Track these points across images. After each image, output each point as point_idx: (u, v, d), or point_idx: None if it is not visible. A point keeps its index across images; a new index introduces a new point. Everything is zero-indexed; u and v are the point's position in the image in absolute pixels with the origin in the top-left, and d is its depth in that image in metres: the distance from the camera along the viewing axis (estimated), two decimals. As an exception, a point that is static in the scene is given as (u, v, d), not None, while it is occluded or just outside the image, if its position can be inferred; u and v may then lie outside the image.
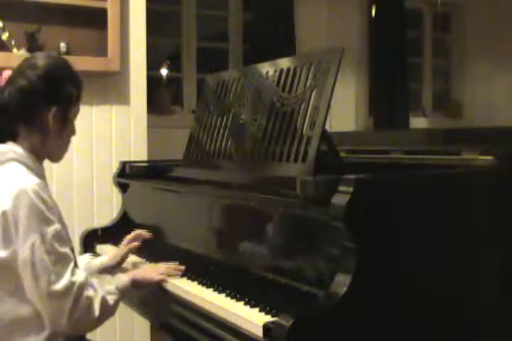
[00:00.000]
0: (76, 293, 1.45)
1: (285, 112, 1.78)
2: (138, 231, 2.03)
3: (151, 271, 1.80)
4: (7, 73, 1.62)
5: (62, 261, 1.46)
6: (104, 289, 1.55)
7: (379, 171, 1.67)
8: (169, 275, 1.75)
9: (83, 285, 1.48)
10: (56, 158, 1.69)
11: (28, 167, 1.56)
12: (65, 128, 1.63)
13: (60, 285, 1.44)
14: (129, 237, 2.00)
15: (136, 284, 1.68)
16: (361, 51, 4.72)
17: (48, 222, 1.47)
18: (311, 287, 1.44)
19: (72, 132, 1.69)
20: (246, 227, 1.72)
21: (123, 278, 1.66)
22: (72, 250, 1.57)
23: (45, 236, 1.44)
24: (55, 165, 1.71)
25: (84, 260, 1.92)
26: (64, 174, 2.78)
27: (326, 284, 1.32)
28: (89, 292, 1.49)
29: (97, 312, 1.49)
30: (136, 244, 1.99)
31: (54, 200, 1.57)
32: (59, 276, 1.44)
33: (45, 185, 1.59)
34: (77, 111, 1.68)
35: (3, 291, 1.49)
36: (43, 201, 1.47)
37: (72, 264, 1.49)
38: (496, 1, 5.11)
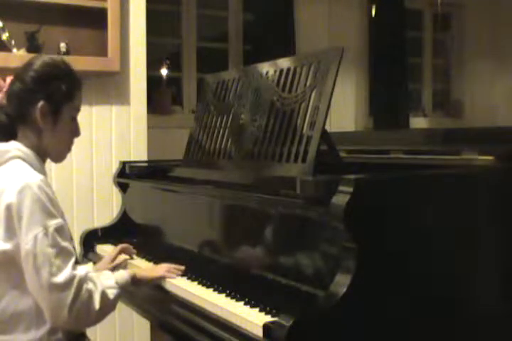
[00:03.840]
0: (76, 286, 1.46)
1: (285, 112, 1.78)
2: (124, 246, 2.04)
3: (152, 269, 1.82)
4: (10, 78, 1.66)
5: (63, 255, 1.47)
6: (104, 283, 1.56)
7: (379, 171, 1.67)
8: (169, 275, 1.76)
9: (84, 279, 1.49)
10: (56, 157, 1.70)
11: (31, 165, 1.58)
12: (59, 125, 1.63)
13: (61, 277, 1.45)
14: (115, 252, 2.02)
15: (136, 280, 1.69)
16: (361, 51, 4.72)
17: (51, 216, 1.48)
18: (311, 287, 1.44)
19: (75, 133, 1.70)
20: (246, 227, 1.72)
21: (123, 274, 1.67)
22: (74, 248, 1.58)
23: (48, 229, 1.46)
24: (54, 165, 1.72)
25: None
26: (64, 174, 2.78)
27: (326, 284, 1.32)
28: (90, 285, 1.50)
29: (97, 306, 1.50)
30: (123, 258, 2.00)
31: (57, 199, 1.58)
32: (60, 269, 1.45)
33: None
34: (74, 110, 1.68)
35: (5, 284, 1.51)
36: (47, 195, 1.49)
37: (73, 258, 1.50)
38: (496, 1, 5.11)
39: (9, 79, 1.66)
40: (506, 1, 5.05)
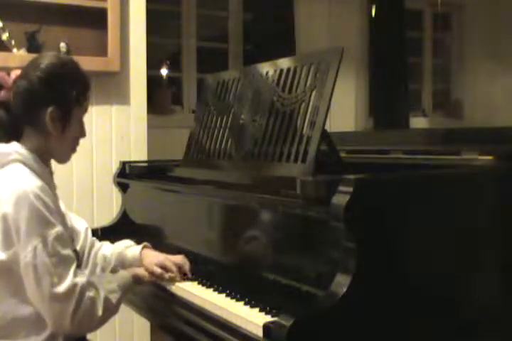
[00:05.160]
0: (78, 294, 1.45)
1: (285, 112, 1.78)
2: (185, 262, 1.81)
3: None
4: (14, 73, 1.61)
5: (64, 263, 1.46)
6: (106, 288, 1.55)
7: (379, 171, 1.67)
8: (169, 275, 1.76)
9: (85, 287, 1.48)
10: (61, 159, 1.67)
11: (31, 168, 1.54)
12: (68, 129, 1.61)
13: (62, 287, 1.44)
14: (175, 259, 1.81)
15: (137, 279, 1.69)
16: (361, 51, 4.72)
17: (50, 225, 1.46)
18: (311, 287, 1.44)
19: (81, 134, 1.67)
20: (246, 227, 1.72)
21: (124, 275, 1.66)
22: (76, 252, 1.57)
23: (46, 239, 1.44)
24: (54, 165, 1.71)
25: (123, 244, 1.90)
26: (64, 174, 2.77)
27: (326, 284, 1.32)
28: (92, 292, 1.49)
29: (99, 312, 1.50)
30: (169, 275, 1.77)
31: (58, 202, 1.57)
32: (61, 278, 1.44)
33: (52, 186, 1.60)
34: (83, 113, 1.66)
35: (3, 292, 1.50)
36: (44, 204, 1.46)
37: (74, 266, 1.48)
38: (496, 1, 5.11)
39: (14, 74, 1.62)
40: (506, 1, 5.05)
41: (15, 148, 1.56)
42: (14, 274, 1.47)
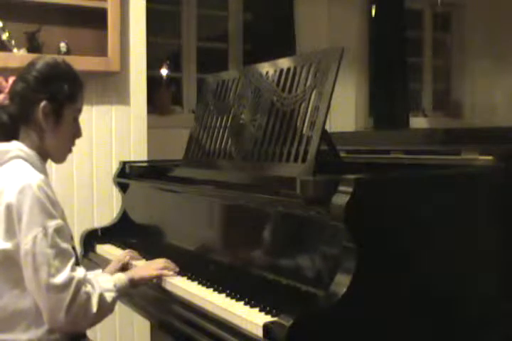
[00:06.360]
0: (74, 287, 1.46)
1: (285, 112, 1.78)
2: (128, 253, 2.02)
3: (148, 267, 1.81)
4: (12, 79, 1.67)
5: (62, 256, 1.48)
6: (102, 286, 1.57)
7: (379, 171, 1.67)
8: (166, 273, 1.76)
9: (82, 281, 1.49)
10: (57, 158, 1.71)
11: (32, 164, 1.58)
12: (61, 126, 1.64)
13: (59, 278, 1.45)
14: (120, 257, 2.00)
15: (134, 283, 1.70)
16: (361, 51, 4.72)
17: (51, 216, 1.49)
18: (311, 287, 1.44)
19: (77, 134, 1.71)
20: (246, 227, 1.72)
21: (121, 277, 1.67)
22: (74, 249, 1.58)
23: (47, 229, 1.46)
24: (55, 165, 1.72)
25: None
26: (64, 174, 2.78)
27: (326, 284, 1.32)
28: (88, 288, 1.50)
29: (94, 309, 1.50)
30: (127, 258, 1.98)
31: (57, 199, 1.59)
32: (59, 270, 1.46)
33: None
34: (76, 111, 1.70)
35: (5, 283, 1.51)
36: (47, 196, 1.50)
37: (72, 260, 1.50)
38: (496, 1, 5.11)
39: (11, 79, 1.67)
40: (506, 1, 5.05)
41: (16, 146, 1.60)
42: (16, 264, 1.49)
